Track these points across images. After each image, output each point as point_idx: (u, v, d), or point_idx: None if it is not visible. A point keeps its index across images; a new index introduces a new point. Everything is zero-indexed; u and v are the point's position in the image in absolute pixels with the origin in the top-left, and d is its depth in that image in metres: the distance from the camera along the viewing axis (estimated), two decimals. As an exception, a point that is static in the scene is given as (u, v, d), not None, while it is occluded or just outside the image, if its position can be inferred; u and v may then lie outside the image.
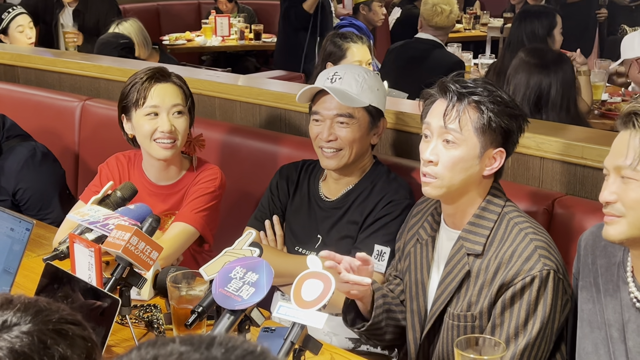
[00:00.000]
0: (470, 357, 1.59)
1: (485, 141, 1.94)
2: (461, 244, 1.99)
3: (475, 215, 1.99)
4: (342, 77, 2.37)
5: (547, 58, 3.25)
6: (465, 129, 1.93)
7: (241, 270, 1.70)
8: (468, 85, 1.96)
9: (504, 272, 1.90)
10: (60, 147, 3.53)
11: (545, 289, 1.86)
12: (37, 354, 1.07)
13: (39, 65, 4.15)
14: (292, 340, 1.59)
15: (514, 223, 1.95)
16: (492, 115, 1.93)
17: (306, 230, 2.47)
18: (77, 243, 1.96)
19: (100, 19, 5.82)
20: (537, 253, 1.88)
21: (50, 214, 3.04)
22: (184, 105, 2.52)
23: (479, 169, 1.96)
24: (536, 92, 3.19)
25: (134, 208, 2.13)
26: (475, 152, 1.95)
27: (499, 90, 1.98)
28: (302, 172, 2.55)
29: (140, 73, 2.53)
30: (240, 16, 7.43)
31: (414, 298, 2.11)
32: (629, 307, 1.75)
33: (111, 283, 1.89)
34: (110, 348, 1.93)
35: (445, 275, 2.01)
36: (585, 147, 2.38)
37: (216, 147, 3.08)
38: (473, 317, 1.95)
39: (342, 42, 3.64)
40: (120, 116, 2.58)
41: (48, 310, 1.13)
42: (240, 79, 3.68)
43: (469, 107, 1.94)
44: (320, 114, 2.38)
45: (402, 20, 7.33)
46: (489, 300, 1.92)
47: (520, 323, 1.88)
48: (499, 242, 1.94)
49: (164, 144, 2.48)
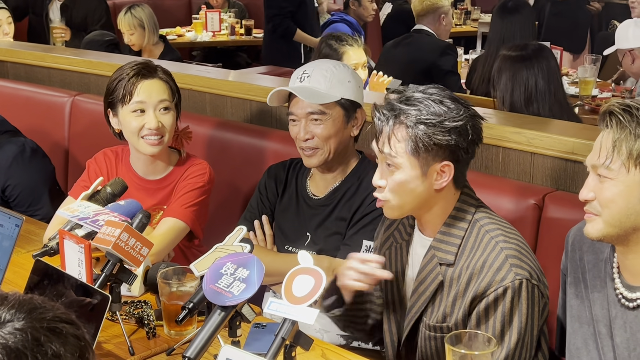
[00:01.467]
0: (461, 352, 1.59)
1: (424, 159, 1.87)
2: (433, 254, 1.95)
3: (445, 224, 1.95)
4: (310, 74, 2.38)
5: (528, 50, 3.25)
6: (399, 153, 1.88)
7: (232, 266, 1.69)
8: (395, 107, 1.88)
9: (476, 283, 1.87)
10: (50, 142, 3.51)
11: (520, 299, 1.84)
12: (30, 351, 1.07)
13: (29, 60, 4.13)
14: (283, 336, 1.59)
15: (485, 231, 1.91)
16: (421, 135, 1.84)
17: (295, 228, 2.47)
18: (67, 239, 1.95)
19: (88, 14, 5.80)
20: (507, 263, 1.84)
21: (40, 210, 3.03)
22: (170, 100, 2.51)
23: (427, 186, 1.90)
24: (525, 87, 3.19)
25: (124, 204, 2.12)
26: (416, 172, 1.88)
27: (433, 102, 1.87)
28: (290, 170, 2.55)
29: (126, 68, 2.51)
30: (231, 11, 7.41)
31: (390, 302, 2.09)
32: (615, 304, 1.76)
33: (101, 279, 1.89)
34: (100, 344, 1.93)
35: (418, 285, 1.98)
36: (576, 143, 2.39)
37: (207, 143, 3.07)
38: (449, 329, 1.92)
39: (338, 45, 3.61)
40: (107, 111, 2.57)
41: (42, 308, 1.13)
42: (230, 74, 3.67)
43: (396, 129, 1.87)
44: (295, 114, 2.39)
45: (393, 15, 7.33)
46: (463, 311, 1.90)
47: (497, 335, 1.84)
48: (470, 250, 1.91)
49: (151, 140, 2.48)
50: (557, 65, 3.33)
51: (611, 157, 1.65)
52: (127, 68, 2.51)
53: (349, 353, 1.95)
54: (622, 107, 1.67)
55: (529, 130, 2.50)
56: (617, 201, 1.67)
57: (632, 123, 1.64)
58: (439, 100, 1.88)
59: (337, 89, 2.36)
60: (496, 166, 2.57)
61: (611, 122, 1.67)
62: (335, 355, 1.92)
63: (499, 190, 2.37)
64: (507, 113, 3.10)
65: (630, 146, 1.63)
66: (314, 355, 1.87)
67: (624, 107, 1.66)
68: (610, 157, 1.65)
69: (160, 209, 2.57)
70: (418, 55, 4.39)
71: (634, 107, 1.66)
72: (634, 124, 1.64)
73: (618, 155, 1.64)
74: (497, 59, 3.32)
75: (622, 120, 1.65)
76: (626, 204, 1.66)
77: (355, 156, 2.47)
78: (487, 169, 2.58)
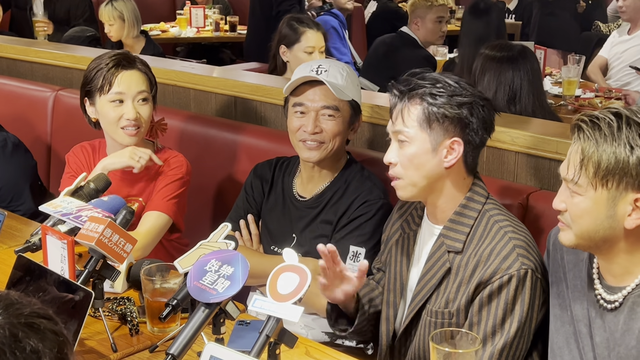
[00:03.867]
0: (445, 350, 1.60)
1: (434, 133, 1.94)
2: (442, 241, 1.99)
3: (456, 212, 1.99)
4: (328, 70, 2.36)
5: (514, 51, 3.26)
6: (411, 126, 1.95)
7: (216, 263, 1.68)
8: (411, 82, 1.96)
9: (482, 270, 1.90)
10: (32, 137, 3.49)
11: (523, 288, 1.87)
12: (7, 347, 1.06)
13: (11, 54, 4.09)
14: (268, 333, 1.59)
15: (494, 221, 1.95)
16: (433, 107, 1.92)
17: (281, 229, 2.46)
18: (50, 235, 1.94)
19: (71, 8, 5.78)
20: (515, 252, 1.88)
21: (22, 205, 3.01)
22: (148, 92, 2.53)
23: (436, 162, 1.95)
24: (510, 87, 3.20)
25: (107, 200, 2.11)
26: (427, 146, 1.95)
27: (447, 79, 1.95)
28: (276, 170, 2.54)
29: (105, 58, 2.52)
30: (215, 7, 7.39)
31: (391, 290, 2.11)
32: (594, 304, 1.77)
33: (84, 276, 1.87)
34: (83, 341, 1.91)
35: (426, 272, 2.01)
36: (560, 142, 2.40)
37: (191, 139, 3.06)
38: (450, 314, 1.95)
39: (298, 25, 3.67)
40: (83, 99, 2.57)
41: (19, 304, 1.12)
42: (215, 70, 3.66)
43: (409, 103, 1.95)
44: (305, 106, 2.36)
45: (378, 13, 7.34)
46: (466, 297, 1.92)
47: (498, 322, 1.88)
48: (479, 239, 1.95)
49: (129, 131, 2.49)
50: (539, 68, 3.37)
51: (579, 174, 1.64)
52: (106, 58, 2.52)
53: (333, 350, 1.95)
54: (591, 120, 1.65)
55: (513, 129, 2.51)
56: (586, 217, 1.67)
57: (599, 140, 1.62)
58: (454, 80, 1.95)
59: (350, 89, 2.36)
60: (480, 165, 2.57)
61: (579, 136, 1.66)
62: (319, 352, 1.92)
63: (483, 189, 2.38)
64: (492, 112, 3.10)
65: (597, 164, 1.62)
66: (298, 352, 1.87)
67: (593, 120, 1.65)
68: (579, 174, 1.64)
69: (135, 200, 2.58)
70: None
71: (602, 120, 1.64)
72: (602, 140, 1.62)
73: (585, 173, 1.64)
74: (479, 58, 3.32)
75: (590, 136, 1.63)
76: (594, 220, 1.67)
77: (344, 158, 2.46)
78: (472, 167, 2.59)
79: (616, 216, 1.65)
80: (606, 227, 1.66)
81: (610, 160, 1.61)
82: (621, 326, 1.70)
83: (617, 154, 1.61)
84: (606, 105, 4.24)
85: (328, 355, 1.92)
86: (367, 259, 2.26)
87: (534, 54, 3.41)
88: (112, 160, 2.47)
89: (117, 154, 2.48)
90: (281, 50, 3.71)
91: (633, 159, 1.60)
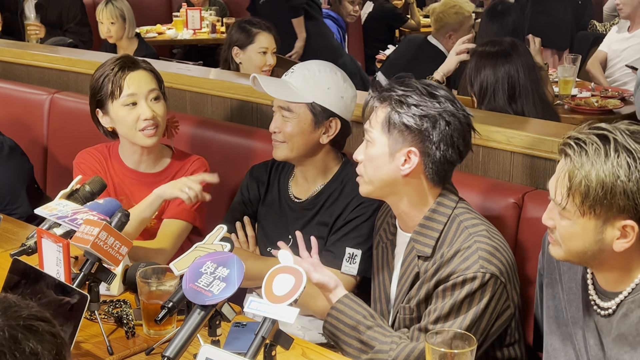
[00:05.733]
0: (441, 350, 1.60)
1: (393, 140, 1.96)
2: (412, 246, 2.01)
3: (425, 217, 2.00)
4: (295, 71, 2.38)
5: (505, 45, 3.23)
6: (374, 128, 1.99)
7: (212, 265, 1.68)
8: (390, 85, 1.99)
9: (443, 270, 1.93)
10: (28, 140, 3.48)
11: (479, 291, 1.88)
12: (8, 349, 1.06)
13: (6, 57, 4.09)
14: (263, 335, 1.59)
15: (464, 226, 1.96)
16: (396, 114, 1.94)
17: (278, 231, 2.46)
18: (45, 238, 1.93)
19: (63, 12, 5.78)
20: (476, 255, 1.89)
21: (18, 208, 3.00)
22: (159, 89, 2.53)
23: (393, 168, 1.97)
24: (508, 82, 3.17)
25: (102, 203, 2.10)
26: (385, 150, 1.97)
27: (425, 89, 1.95)
28: (272, 171, 2.54)
29: (108, 64, 2.50)
30: (211, 9, 7.39)
31: (377, 300, 2.14)
32: (588, 307, 1.77)
33: (80, 278, 1.87)
34: (79, 344, 1.91)
35: (400, 278, 2.05)
36: (555, 142, 2.39)
37: (187, 141, 3.06)
38: (411, 310, 2.00)
39: (251, 27, 3.83)
40: (95, 111, 2.55)
41: (17, 306, 1.12)
42: (211, 72, 3.66)
43: (378, 106, 1.99)
44: (273, 106, 2.42)
45: (374, 14, 7.35)
46: (426, 293, 1.96)
47: (442, 315, 1.90)
48: (448, 244, 1.96)
49: (148, 132, 2.47)
50: (533, 61, 3.33)
51: (567, 201, 1.62)
52: (109, 64, 2.50)
53: (329, 352, 1.95)
54: (577, 144, 1.61)
55: (509, 129, 2.51)
56: (574, 240, 1.66)
57: (586, 166, 1.58)
58: (429, 91, 1.95)
59: (310, 90, 2.34)
60: (476, 165, 2.58)
61: (566, 162, 1.62)
62: (315, 354, 1.92)
63: (479, 189, 2.38)
64: (488, 112, 3.09)
65: (584, 194, 1.59)
66: (294, 354, 1.87)
67: (579, 144, 1.60)
68: (566, 201, 1.62)
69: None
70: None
71: (589, 144, 1.59)
72: (589, 167, 1.58)
73: (573, 201, 1.61)
74: (472, 57, 3.31)
75: (576, 163, 1.60)
76: (583, 243, 1.65)
77: (337, 160, 2.45)
78: (467, 167, 2.59)
79: (605, 240, 1.63)
80: (595, 249, 1.65)
81: (597, 189, 1.58)
82: (614, 332, 1.70)
83: (604, 182, 1.57)
84: (602, 105, 4.26)
85: (324, 357, 1.91)
86: (363, 261, 2.27)
87: (526, 47, 3.38)
88: (165, 189, 2.38)
89: (171, 186, 2.38)
90: (234, 52, 3.84)
91: (620, 186, 1.57)
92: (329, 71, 2.38)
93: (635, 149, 1.58)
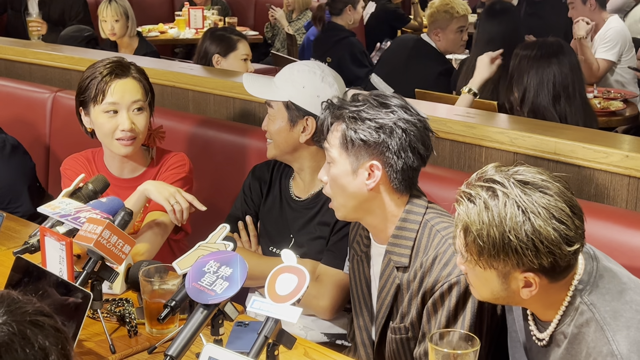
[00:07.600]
0: (444, 351, 1.60)
1: (352, 156, 1.94)
2: (389, 258, 1.99)
3: (396, 227, 1.98)
4: (282, 69, 2.41)
5: (551, 47, 3.19)
6: (333, 147, 1.97)
7: (215, 264, 1.69)
8: (341, 102, 1.97)
9: (427, 280, 1.91)
10: (30, 139, 3.48)
11: (466, 294, 1.86)
12: (18, 344, 1.07)
13: (9, 55, 4.09)
14: (266, 334, 1.59)
15: (436, 230, 1.94)
16: (352, 131, 1.92)
17: (279, 230, 2.46)
18: (48, 236, 1.93)
19: (65, 10, 5.78)
20: (454, 258, 1.85)
21: (20, 207, 3.01)
22: (144, 100, 2.48)
23: (358, 185, 1.95)
24: (553, 83, 3.13)
25: (105, 201, 2.10)
26: (347, 168, 1.95)
27: (376, 100, 1.94)
28: (274, 171, 2.54)
29: (99, 66, 2.47)
30: (214, 9, 7.39)
31: (359, 314, 2.14)
32: (529, 337, 1.76)
33: (82, 277, 1.87)
34: (81, 343, 1.91)
35: (380, 290, 2.02)
36: (558, 143, 2.40)
37: (189, 140, 3.06)
38: (406, 329, 1.97)
39: (230, 35, 3.97)
40: (78, 109, 2.54)
41: (21, 302, 1.13)
42: (214, 71, 3.66)
43: (335, 124, 1.97)
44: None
45: (376, 15, 7.35)
46: (416, 309, 1.94)
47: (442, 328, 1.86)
48: (424, 251, 1.94)
49: (124, 142, 2.45)
50: (577, 60, 3.28)
51: (467, 255, 1.60)
52: (100, 66, 2.47)
53: (332, 351, 1.95)
54: (468, 198, 1.58)
55: (511, 130, 2.51)
56: (482, 288, 1.66)
57: (477, 223, 1.54)
58: (380, 102, 1.94)
59: (286, 88, 2.34)
60: (479, 166, 2.56)
61: (460, 217, 1.59)
62: (317, 353, 1.92)
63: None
64: (489, 113, 3.08)
65: (478, 252, 1.56)
66: (296, 353, 1.87)
67: (470, 199, 1.57)
68: (467, 254, 1.60)
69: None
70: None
71: (477, 198, 1.56)
72: (478, 223, 1.54)
73: (472, 256, 1.59)
74: (514, 60, 3.24)
75: (468, 219, 1.56)
76: (491, 291, 1.64)
77: None
78: (470, 168, 2.59)
79: (511, 289, 1.61)
80: (505, 296, 1.64)
81: (489, 248, 1.55)
82: None
83: (495, 241, 1.54)
84: (605, 106, 4.26)
85: (327, 357, 1.92)
86: None
87: (571, 48, 3.34)
88: (151, 190, 2.37)
89: (161, 188, 2.37)
90: (214, 59, 3.88)
91: (512, 245, 1.53)
92: (307, 70, 2.36)
93: (524, 202, 1.53)
